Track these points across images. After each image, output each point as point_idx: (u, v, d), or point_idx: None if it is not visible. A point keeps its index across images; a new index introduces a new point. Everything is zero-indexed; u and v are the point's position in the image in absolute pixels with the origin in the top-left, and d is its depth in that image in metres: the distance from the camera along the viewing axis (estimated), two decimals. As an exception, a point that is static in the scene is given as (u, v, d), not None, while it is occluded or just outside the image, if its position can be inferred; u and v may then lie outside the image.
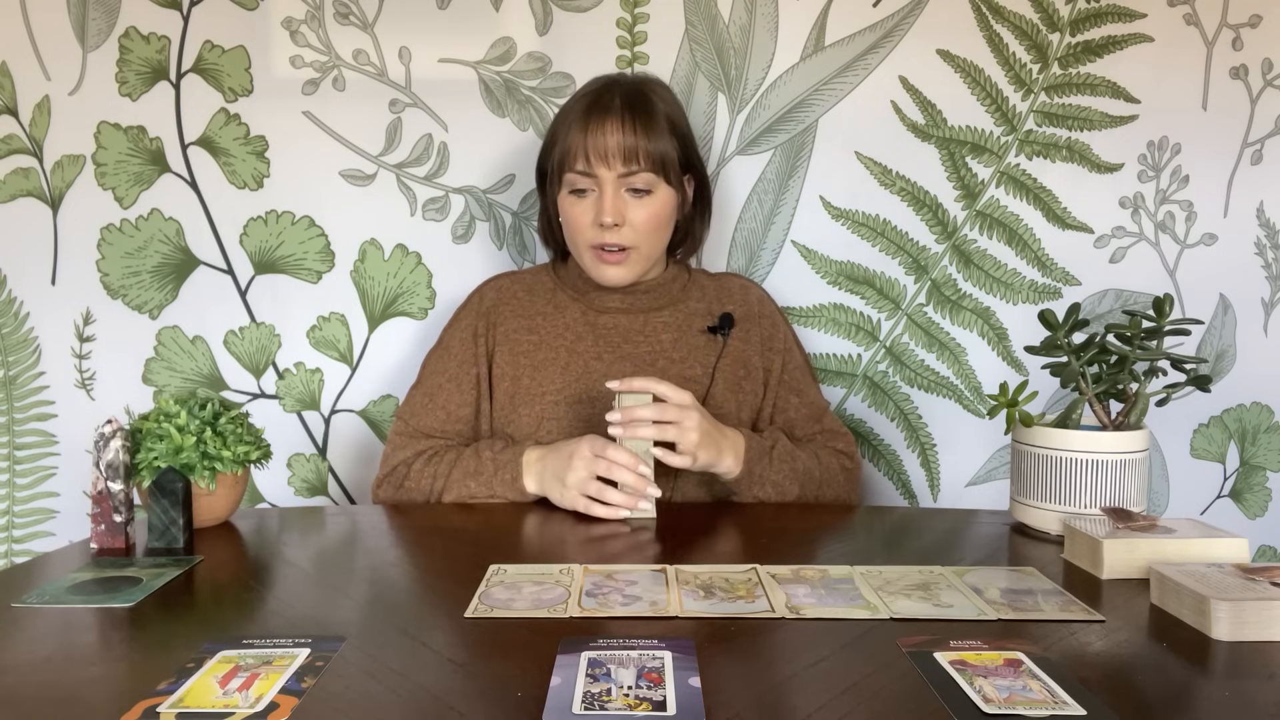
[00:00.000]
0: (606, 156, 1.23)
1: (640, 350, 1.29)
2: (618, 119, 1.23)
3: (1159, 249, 1.55)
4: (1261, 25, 1.52)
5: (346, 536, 1.04)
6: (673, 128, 1.27)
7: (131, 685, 0.64)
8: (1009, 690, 0.63)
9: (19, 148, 1.46)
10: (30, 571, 0.92)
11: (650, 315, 1.32)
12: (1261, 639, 0.72)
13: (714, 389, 1.27)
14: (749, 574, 0.88)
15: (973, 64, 1.49)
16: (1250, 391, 1.60)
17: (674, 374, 1.27)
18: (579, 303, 1.33)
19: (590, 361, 1.28)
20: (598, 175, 1.24)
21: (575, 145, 1.24)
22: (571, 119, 1.26)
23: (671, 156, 1.26)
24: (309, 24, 1.45)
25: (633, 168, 1.23)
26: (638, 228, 1.26)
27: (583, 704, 0.60)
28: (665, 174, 1.26)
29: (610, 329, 1.31)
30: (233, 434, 1.04)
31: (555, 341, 1.30)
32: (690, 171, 1.32)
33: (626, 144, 1.22)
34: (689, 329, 1.32)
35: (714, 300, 1.36)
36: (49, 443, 1.51)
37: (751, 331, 1.35)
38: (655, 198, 1.26)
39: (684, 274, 1.39)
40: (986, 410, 1.46)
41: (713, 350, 1.31)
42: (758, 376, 1.33)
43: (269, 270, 1.49)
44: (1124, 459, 1.02)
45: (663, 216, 1.28)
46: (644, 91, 1.27)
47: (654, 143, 1.23)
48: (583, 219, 1.26)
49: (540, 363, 1.28)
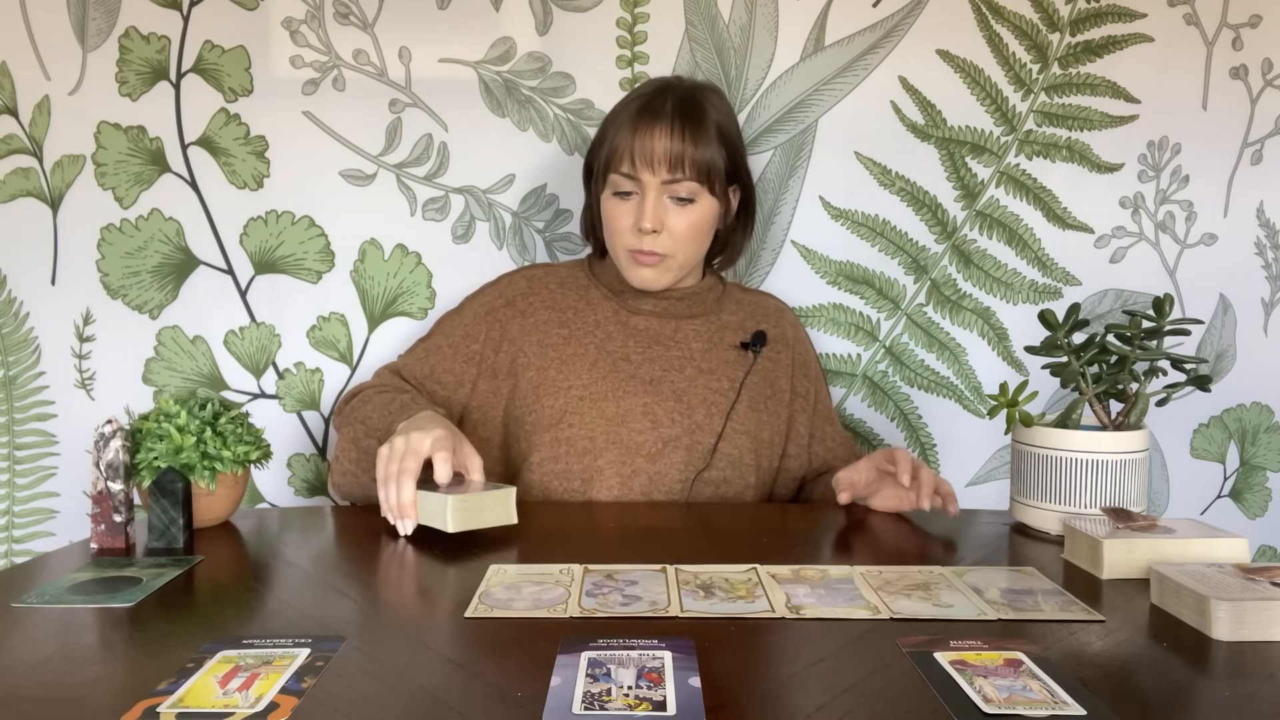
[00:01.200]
0: (652, 162, 1.22)
1: (671, 354, 1.29)
2: (667, 125, 1.22)
3: (1159, 249, 1.55)
4: (1261, 25, 1.52)
5: (347, 536, 1.04)
6: (722, 137, 1.25)
7: (131, 685, 0.64)
8: (1009, 690, 0.63)
9: (19, 148, 1.46)
10: (30, 571, 0.91)
11: (683, 322, 1.32)
12: (1261, 639, 0.72)
13: (739, 405, 1.27)
14: (749, 574, 0.88)
15: (973, 64, 1.49)
16: (1250, 391, 1.60)
17: (701, 383, 1.27)
18: (612, 301, 1.32)
19: (619, 361, 1.27)
20: (641, 179, 1.23)
21: (622, 147, 1.23)
22: (622, 119, 1.25)
23: (719, 167, 1.24)
24: (309, 24, 1.45)
25: (677, 175, 1.22)
26: (676, 236, 1.24)
27: (583, 704, 0.60)
28: (710, 184, 1.24)
29: (642, 330, 1.30)
30: (233, 434, 1.04)
31: (585, 337, 1.29)
32: (736, 182, 1.31)
33: (674, 151, 1.21)
34: (720, 341, 1.32)
35: (748, 316, 1.36)
36: (49, 443, 1.51)
37: (782, 354, 1.35)
38: (697, 207, 1.25)
39: (719, 285, 1.38)
40: (986, 410, 1.46)
41: (742, 365, 1.30)
42: (783, 399, 1.33)
43: (269, 270, 1.49)
44: (1124, 459, 1.02)
45: (703, 226, 1.27)
46: (697, 98, 1.26)
47: (701, 151, 1.22)
48: (622, 222, 1.25)
49: (569, 356, 1.28)
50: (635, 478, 1.21)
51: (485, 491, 1.01)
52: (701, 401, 1.26)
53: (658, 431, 1.23)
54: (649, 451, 1.22)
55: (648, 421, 1.23)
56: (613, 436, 1.22)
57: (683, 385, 1.27)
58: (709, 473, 1.23)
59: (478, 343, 1.30)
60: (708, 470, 1.23)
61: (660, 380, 1.26)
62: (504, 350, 1.30)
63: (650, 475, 1.21)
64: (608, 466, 1.21)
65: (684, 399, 1.26)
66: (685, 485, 1.22)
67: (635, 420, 1.23)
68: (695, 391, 1.27)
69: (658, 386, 1.26)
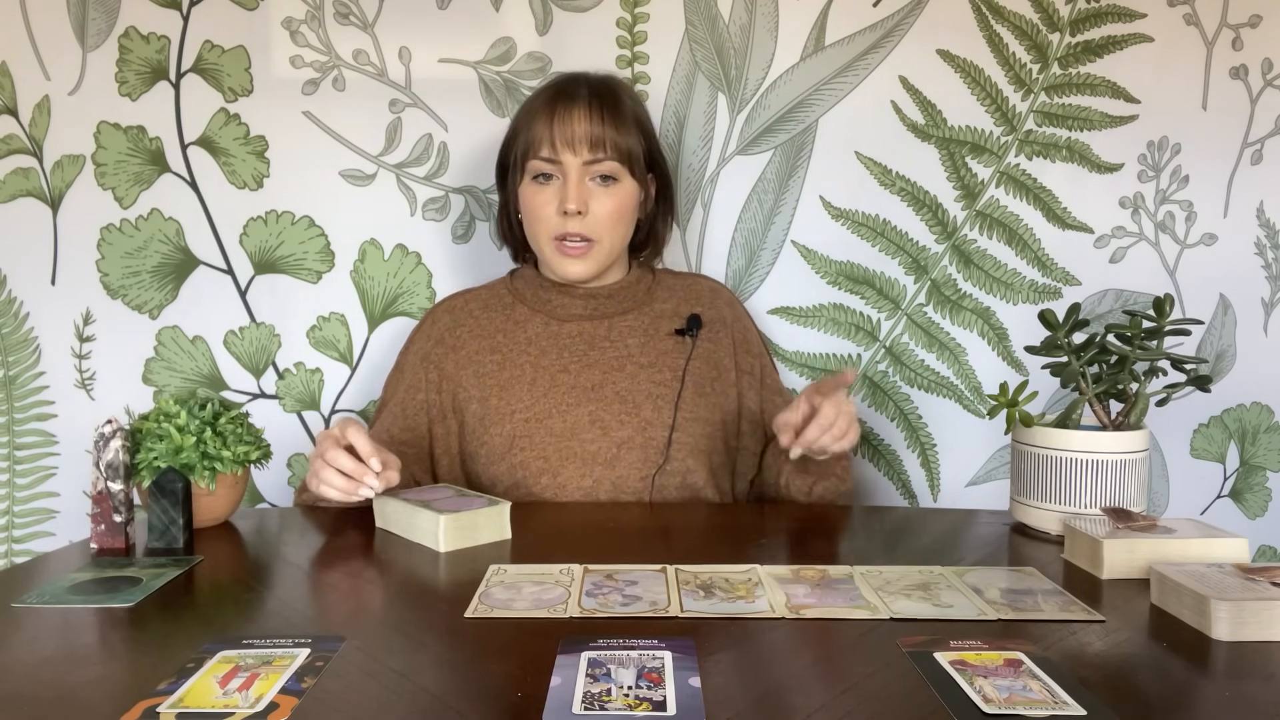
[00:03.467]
0: (573, 143, 1.22)
1: (607, 356, 1.28)
2: (585, 107, 1.23)
3: (1159, 249, 1.55)
4: (1261, 25, 1.52)
5: (347, 537, 1.04)
6: (638, 124, 1.27)
7: (131, 685, 0.64)
8: (1009, 690, 0.63)
9: (19, 148, 1.46)
10: (30, 571, 0.92)
11: (615, 320, 1.31)
12: (1261, 639, 0.72)
13: (685, 393, 1.26)
14: (749, 574, 0.88)
15: (973, 64, 1.49)
16: (1250, 391, 1.60)
17: (644, 379, 1.26)
18: (540, 314, 1.31)
19: (557, 374, 1.26)
20: (563, 162, 1.23)
21: (540, 133, 1.23)
22: (536, 108, 1.26)
23: (637, 151, 1.26)
24: (309, 24, 1.45)
25: (599, 155, 1.23)
26: (600, 219, 1.24)
27: (583, 704, 0.60)
28: (630, 166, 1.25)
29: (575, 337, 1.29)
30: (233, 434, 1.04)
31: (519, 358, 1.28)
32: (654, 171, 1.32)
33: (594, 132, 1.22)
34: (656, 332, 1.31)
35: (681, 301, 1.35)
36: (49, 443, 1.51)
37: (721, 334, 1.34)
38: (620, 188, 1.25)
39: (648, 276, 1.38)
40: (986, 410, 1.46)
41: (681, 353, 1.29)
42: (729, 378, 1.32)
43: (269, 270, 1.49)
44: (1124, 459, 1.02)
45: (626, 209, 1.27)
46: (611, 86, 1.28)
47: (620, 134, 1.23)
48: (545, 208, 1.25)
49: (506, 381, 1.26)
50: (597, 487, 1.20)
51: (478, 510, 1.00)
52: (647, 397, 1.25)
53: (609, 437, 1.22)
54: (605, 458, 1.21)
55: (597, 429, 1.22)
56: (566, 452, 1.21)
57: (625, 385, 1.26)
58: (670, 465, 1.22)
59: (422, 392, 1.29)
60: (667, 463, 1.22)
61: (602, 385, 1.25)
62: (444, 390, 1.29)
63: (611, 481, 1.21)
64: (568, 482, 1.20)
65: (629, 399, 1.25)
66: (647, 484, 1.21)
67: (585, 431, 1.22)
68: (639, 388, 1.26)
69: (600, 392, 1.25)
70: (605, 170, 1.24)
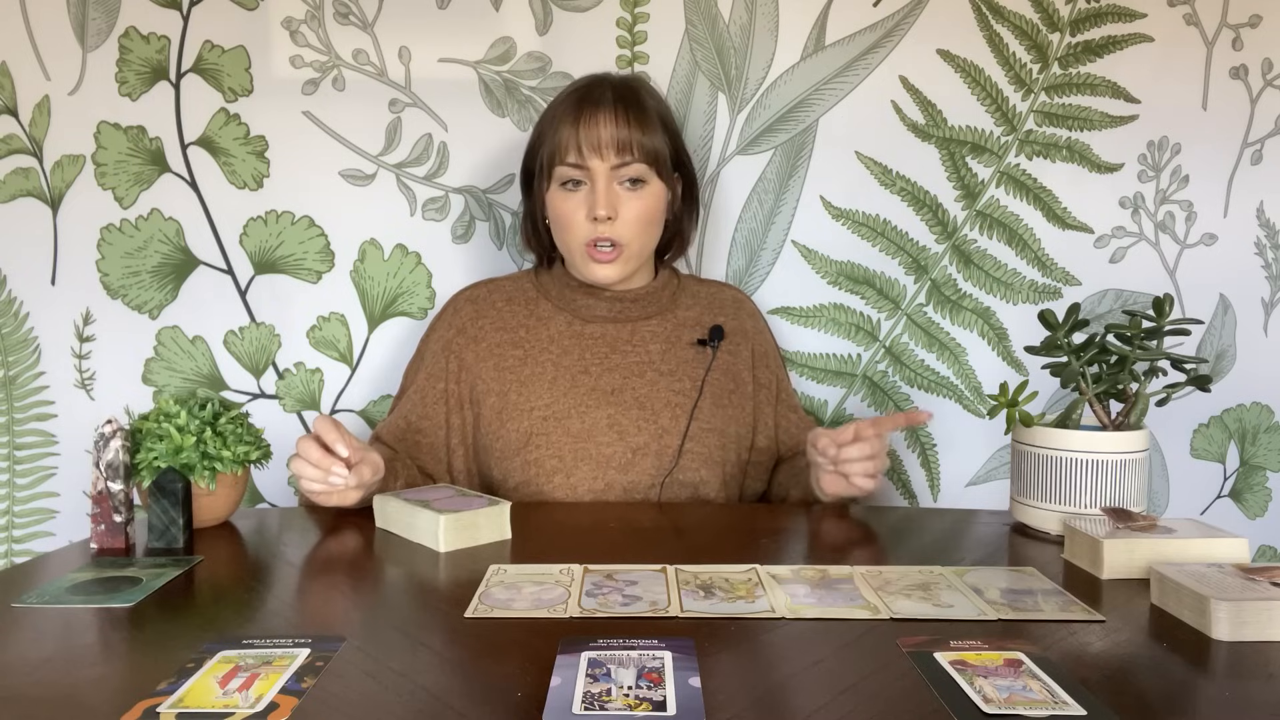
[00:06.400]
0: (600, 148, 1.21)
1: (629, 360, 1.28)
2: (610, 111, 1.22)
3: (1159, 249, 1.55)
4: (1261, 25, 1.52)
5: (347, 537, 1.04)
6: (664, 124, 1.26)
7: (131, 685, 0.64)
8: (1009, 690, 0.63)
9: (19, 148, 1.46)
10: (30, 571, 0.91)
11: (639, 324, 1.31)
12: (1261, 639, 0.72)
13: (702, 403, 1.26)
14: (749, 574, 0.88)
15: (973, 64, 1.49)
16: (1250, 391, 1.60)
17: (663, 386, 1.26)
18: (564, 312, 1.31)
19: (578, 375, 1.26)
20: (590, 167, 1.22)
21: (566, 138, 1.22)
22: (561, 113, 1.24)
23: (663, 151, 1.25)
24: (309, 24, 1.45)
25: (626, 159, 1.22)
26: (630, 223, 1.24)
27: (583, 704, 0.60)
28: (658, 167, 1.24)
29: (597, 338, 1.29)
30: (233, 434, 1.04)
31: (541, 356, 1.27)
32: (679, 170, 1.32)
33: (620, 135, 1.21)
34: (678, 340, 1.31)
35: (705, 309, 1.35)
36: (49, 443, 1.51)
37: (741, 345, 1.34)
38: (648, 190, 1.25)
39: (674, 280, 1.37)
40: (986, 410, 1.46)
41: (701, 363, 1.29)
42: (746, 391, 1.32)
43: (269, 270, 1.49)
44: (1124, 459, 1.02)
45: (655, 211, 1.26)
46: (634, 87, 1.27)
47: (647, 136, 1.23)
48: (575, 214, 1.24)
49: (527, 378, 1.26)
50: (609, 491, 1.21)
51: (479, 509, 1.00)
52: (665, 405, 1.25)
53: (625, 442, 1.22)
54: (620, 463, 1.21)
55: (614, 434, 1.22)
56: (581, 453, 1.21)
57: (644, 391, 1.25)
58: (679, 474, 1.22)
59: (441, 380, 1.29)
60: (678, 471, 1.22)
61: (622, 389, 1.25)
62: (463, 380, 1.28)
63: (624, 486, 1.21)
64: (580, 483, 1.20)
65: (647, 405, 1.24)
66: (657, 490, 1.21)
67: (602, 434, 1.22)
68: (658, 395, 1.25)
69: (620, 396, 1.25)
70: (633, 174, 1.23)
